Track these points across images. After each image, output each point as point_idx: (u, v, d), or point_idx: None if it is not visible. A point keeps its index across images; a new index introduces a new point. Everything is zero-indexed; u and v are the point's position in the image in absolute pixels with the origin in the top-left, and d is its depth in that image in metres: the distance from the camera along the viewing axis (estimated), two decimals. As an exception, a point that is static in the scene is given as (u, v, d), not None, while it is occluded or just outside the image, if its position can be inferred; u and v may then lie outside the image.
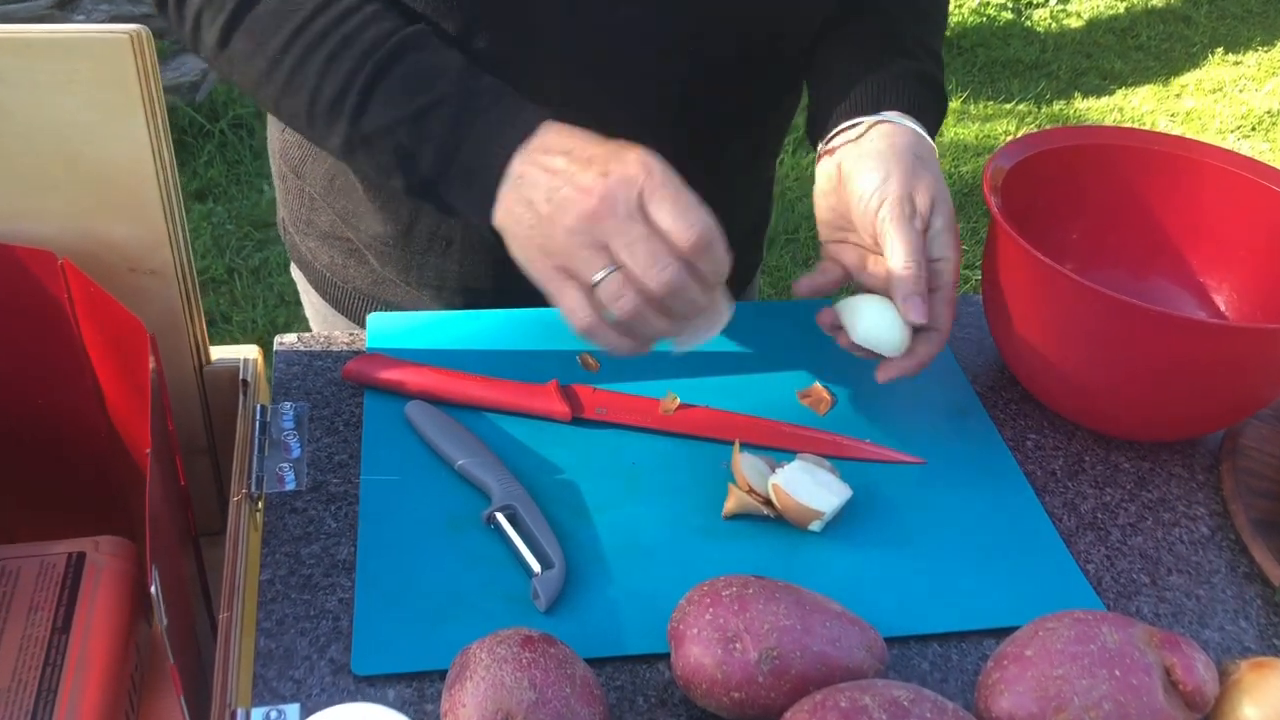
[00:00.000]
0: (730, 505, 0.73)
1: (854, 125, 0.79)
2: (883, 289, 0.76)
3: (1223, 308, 0.89)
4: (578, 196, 0.66)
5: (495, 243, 0.72)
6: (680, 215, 0.65)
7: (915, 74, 0.82)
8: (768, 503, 0.72)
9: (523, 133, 0.69)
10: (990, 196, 0.80)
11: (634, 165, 0.66)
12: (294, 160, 0.99)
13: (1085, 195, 0.90)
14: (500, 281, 0.92)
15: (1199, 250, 0.90)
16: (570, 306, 0.68)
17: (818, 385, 0.84)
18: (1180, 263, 0.90)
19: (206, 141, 2.85)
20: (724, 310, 0.73)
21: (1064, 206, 0.90)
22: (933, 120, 0.82)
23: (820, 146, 0.83)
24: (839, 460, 0.78)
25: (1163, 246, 0.91)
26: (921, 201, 0.75)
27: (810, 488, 0.72)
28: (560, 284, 0.68)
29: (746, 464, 0.74)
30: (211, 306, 2.39)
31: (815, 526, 0.72)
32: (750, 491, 0.72)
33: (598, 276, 0.66)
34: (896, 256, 0.74)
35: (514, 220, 0.69)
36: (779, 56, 0.88)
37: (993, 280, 0.83)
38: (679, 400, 0.80)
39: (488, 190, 0.70)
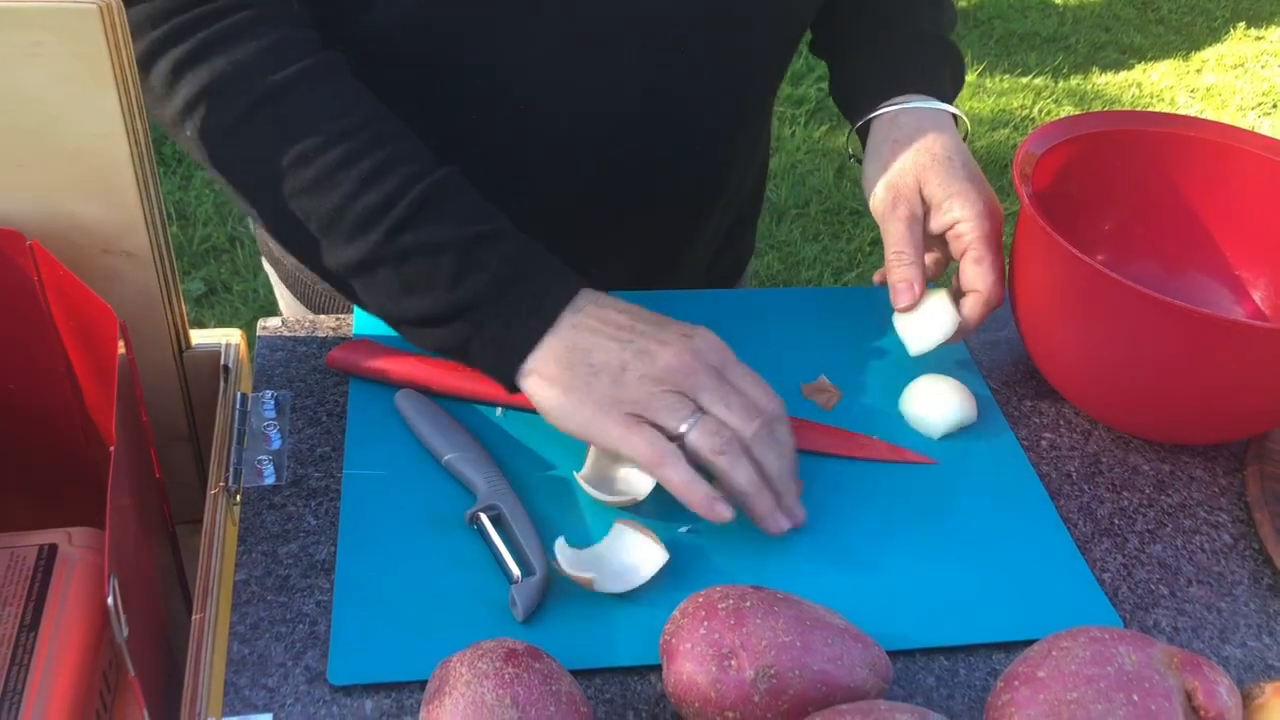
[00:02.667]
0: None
1: (903, 104, 0.84)
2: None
3: (1260, 304, 0.85)
4: (662, 350, 0.65)
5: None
6: (760, 385, 0.68)
7: (944, 57, 0.87)
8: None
9: (577, 285, 0.68)
10: (1020, 185, 0.76)
11: (711, 335, 0.68)
12: None
13: (1119, 184, 0.86)
14: None
15: (1237, 243, 0.86)
16: (644, 448, 0.65)
17: (823, 379, 0.80)
18: (1217, 256, 0.86)
19: (209, 107, 2.80)
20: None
21: (1096, 195, 0.86)
22: (951, 83, 0.86)
23: (855, 125, 0.89)
24: (846, 459, 0.75)
25: (1200, 239, 0.87)
26: (907, 187, 0.80)
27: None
28: (631, 428, 0.65)
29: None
30: (213, 275, 2.36)
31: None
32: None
33: (687, 424, 0.65)
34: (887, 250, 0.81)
35: (561, 371, 0.66)
36: (760, 48, 0.86)
37: (1020, 270, 0.79)
38: None
39: (533, 333, 0.67)
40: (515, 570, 0.64)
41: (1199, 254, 0.87)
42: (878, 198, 0.81)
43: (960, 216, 0.78)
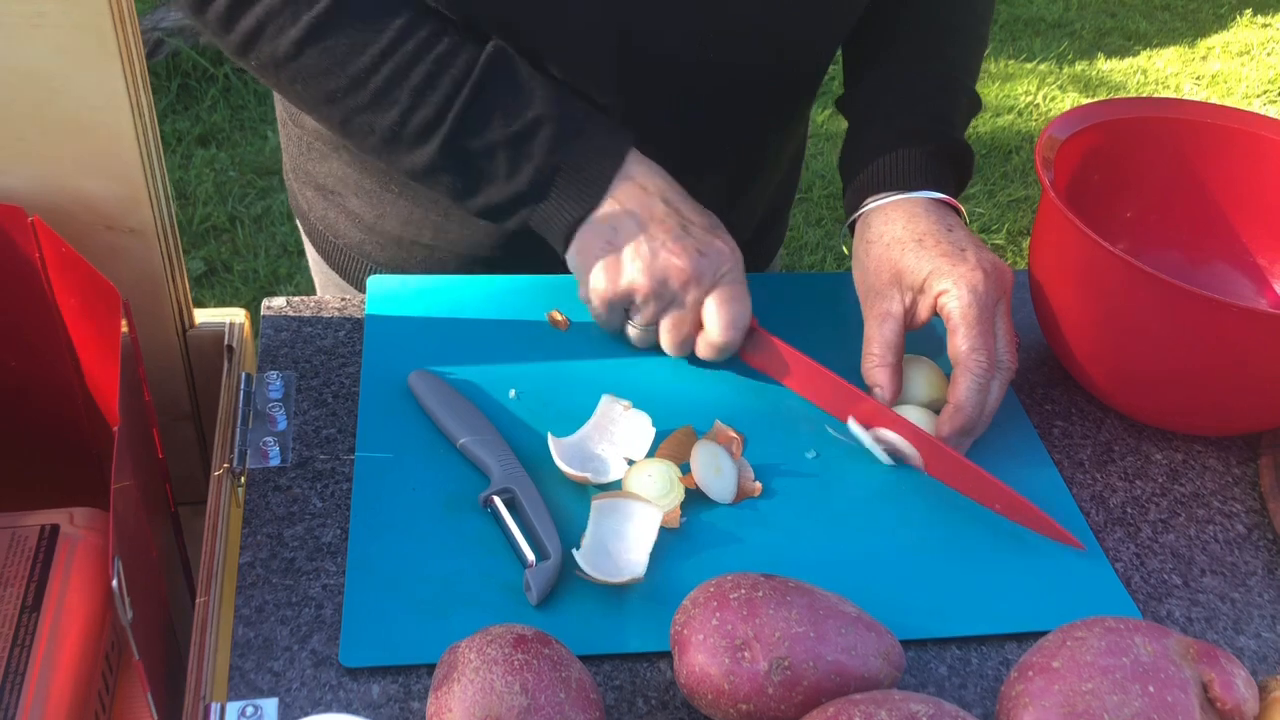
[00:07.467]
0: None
1: (874, 202, 0.79)
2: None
3: (1281, 294, 0.84)
4: (670, 257, 0.73)
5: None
6: (729, 320, 0.75)
7: (940, 151, 0.80)
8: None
9: (616, 162, 0.75)
10: (1042, 171, 0.75)
11: (726, 252, 0.75)
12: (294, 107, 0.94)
13: (1141, 171, 0.85)
14: (500, 250, 0.88)
15: (1260, 232, 0.85)
16: (602, 318, 0.77)
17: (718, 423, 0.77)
18: (1239, 245, 0.86)
19: (210, 86, 2.79)
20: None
21: (1119, 182, 0.85)
22: (952, 175, 0.81)
23: (851, 214, 0.83)
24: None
25: (1221, 227, 0.86)
26: (881, 283, 0.76)
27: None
28: (608, 307, 0.76)
29: (705, 453, 0.71)
30: (213, 255, 2.35)
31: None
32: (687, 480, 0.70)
33: (643, 325, 0.77)
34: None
35: (591, 242, 0.75)
36: (802, 66, 0.87)
37: (1040, 256, 0.78)
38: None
39: (574, 218, 0.75)
40: (530, 554, 0.63)
41: (1221, 242, 0.86)
42: (861, 301, 0.78)
43: (939, 290, 0.73)
